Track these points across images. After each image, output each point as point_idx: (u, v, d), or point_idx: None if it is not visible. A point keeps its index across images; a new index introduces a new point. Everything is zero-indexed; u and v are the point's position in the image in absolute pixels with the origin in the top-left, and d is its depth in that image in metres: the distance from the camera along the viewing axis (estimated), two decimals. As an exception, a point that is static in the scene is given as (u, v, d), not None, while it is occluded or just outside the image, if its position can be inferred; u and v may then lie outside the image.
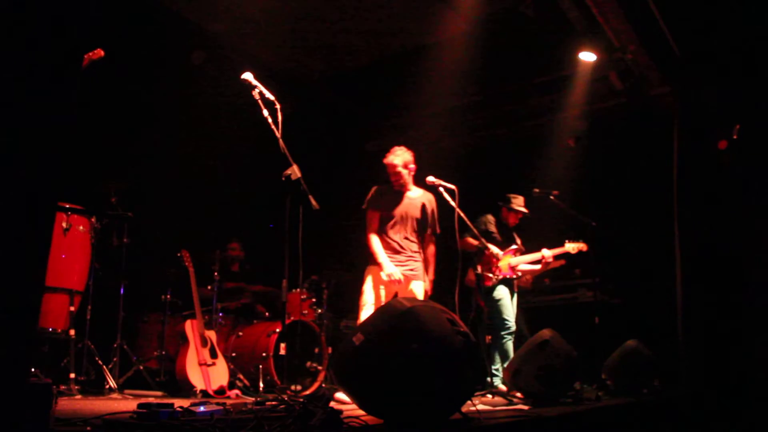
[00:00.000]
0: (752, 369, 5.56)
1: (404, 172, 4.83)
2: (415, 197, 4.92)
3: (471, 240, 5.48)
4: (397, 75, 7.04)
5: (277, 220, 3.88)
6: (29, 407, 1.58)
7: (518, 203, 5.94)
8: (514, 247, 5.82)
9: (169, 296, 5.47)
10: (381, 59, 7.06)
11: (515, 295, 5.79)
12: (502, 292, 5.63)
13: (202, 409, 2.33)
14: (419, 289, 4.81)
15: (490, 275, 5.66)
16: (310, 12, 6.14)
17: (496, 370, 5.52)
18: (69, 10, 1.68)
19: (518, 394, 4.32)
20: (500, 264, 5.69)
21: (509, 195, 5.98)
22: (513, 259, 5.78)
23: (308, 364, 5.61)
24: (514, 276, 5.76)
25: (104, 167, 5.37)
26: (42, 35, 1.60)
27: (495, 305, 5.58)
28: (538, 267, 5.91)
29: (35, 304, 1.63)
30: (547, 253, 5.81)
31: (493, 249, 5.60)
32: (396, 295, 4.54)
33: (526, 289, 6.51)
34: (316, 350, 5.72)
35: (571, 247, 5.89)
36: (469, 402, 2.74)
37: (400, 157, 4.82)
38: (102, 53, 4.10)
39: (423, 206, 4.90)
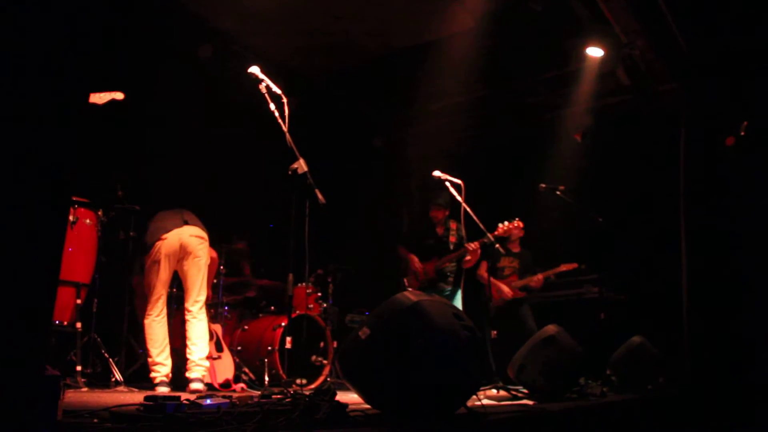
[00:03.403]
0: (758, 365, 5.55)
1: None
2: None
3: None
4: (405, 70, 7.01)
5: (282, 214, 3.87)
6: (39, 399, 1.58)
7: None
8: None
9: (174, 290, 5.48)
10: (388, 54, 7.03)
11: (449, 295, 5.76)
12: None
13: (208, 402, 2.34)
14: None
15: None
16: (316, 7, 6.13)
17: None
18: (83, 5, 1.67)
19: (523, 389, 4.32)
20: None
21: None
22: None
23: (313, 358, 5.63)
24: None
25: (111, 161, 5.38)
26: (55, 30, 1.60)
27: None
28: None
29: (49, 298, 1.63)
30: (471, 246, 5.57)
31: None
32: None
33: (536, 288, 6.49)
34: (321, 344, 5.74)
35: (471, 247, 5.54)
36: (474, 396, 2.75)
37: None
38: (123, 96, 4.24)
39: None
